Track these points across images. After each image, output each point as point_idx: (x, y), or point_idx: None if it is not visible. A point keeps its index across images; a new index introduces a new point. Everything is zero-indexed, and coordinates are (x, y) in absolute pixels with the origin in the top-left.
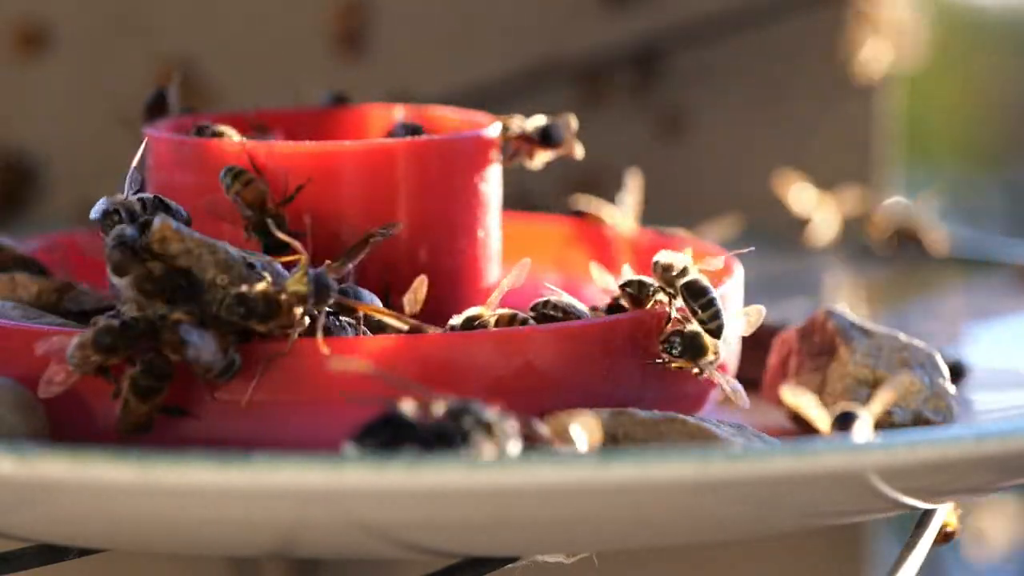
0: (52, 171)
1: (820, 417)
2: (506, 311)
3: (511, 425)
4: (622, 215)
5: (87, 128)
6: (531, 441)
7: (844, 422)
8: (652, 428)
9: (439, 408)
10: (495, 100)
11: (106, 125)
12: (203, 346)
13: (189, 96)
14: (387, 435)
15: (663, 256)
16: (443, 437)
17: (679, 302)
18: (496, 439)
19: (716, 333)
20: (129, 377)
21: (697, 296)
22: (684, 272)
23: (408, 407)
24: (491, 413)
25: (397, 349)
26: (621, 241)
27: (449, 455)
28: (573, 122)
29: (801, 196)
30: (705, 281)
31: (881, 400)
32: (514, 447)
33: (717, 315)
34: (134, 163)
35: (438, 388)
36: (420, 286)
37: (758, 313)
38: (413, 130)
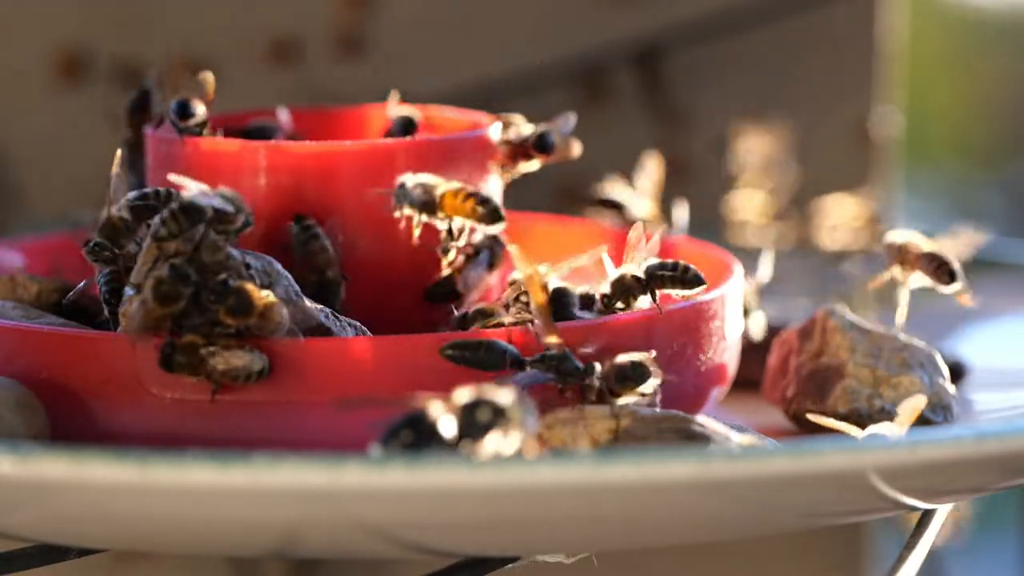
0: (34, 173)
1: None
2: (522, 316)
3: (529, 407)
4: (641, 199)
5: (70, 129)
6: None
7: None
8: (652, 427)
9: (455, 402)
10: (495, 100)
11: (91, 126)
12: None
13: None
14: (411, 436)
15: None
16: (465, 434)
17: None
18: (515, 425)
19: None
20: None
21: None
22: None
23: (429, 406)
24: (506, 397)
25: (397, 349)
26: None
27: (457, 454)
28: (572, 120)
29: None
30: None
31: (907, 415)
32: (532, 428)
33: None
34: (114, 169)
35: (437, 388)
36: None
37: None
38: (408, 122)
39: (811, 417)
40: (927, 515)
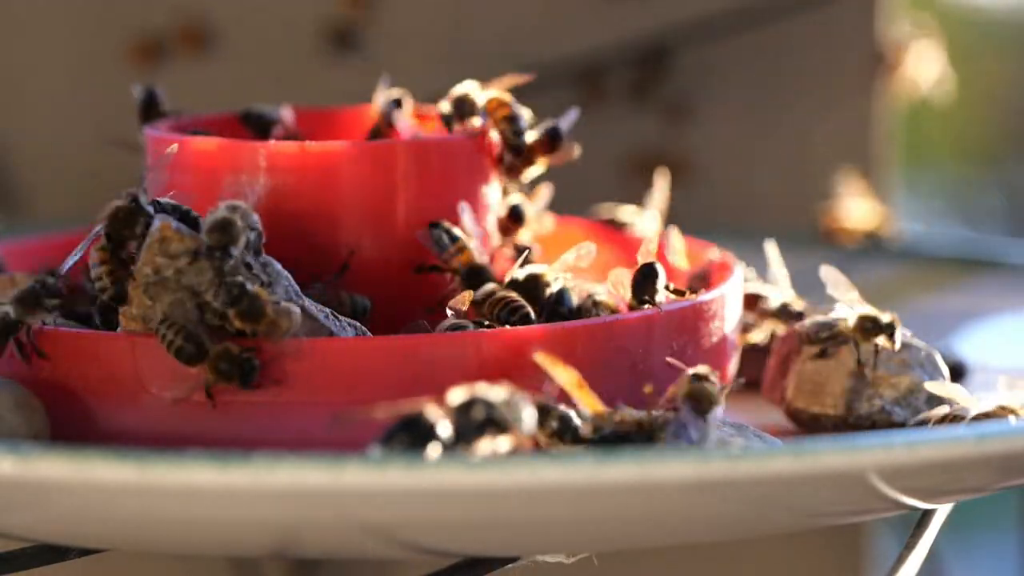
0: (42, 172)
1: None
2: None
3: (522, 401)
4: (648, 218)
5: (78, 129)
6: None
7: None
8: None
9: (450, 403)
10: None
11: (98, 126)
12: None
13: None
14: (407, 440)
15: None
16: (461, 434)
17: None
18: (510, 423)
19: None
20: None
21: None
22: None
23: (424, 409)
24: (499, 394)
25: (399, 349)
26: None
27: (457, 453)
28: (573, 115)
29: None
30: None
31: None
32: (529, 422)
33: None
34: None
35: (437, 388)
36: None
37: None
38: (396, 103)
39: None
40: (927, 515)
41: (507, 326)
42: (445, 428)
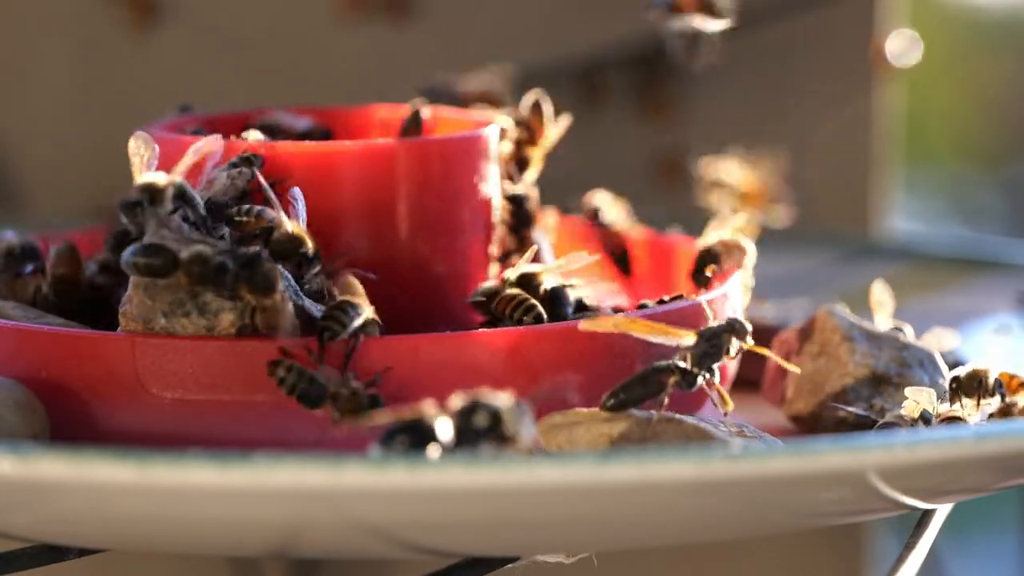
0: (43, 170)
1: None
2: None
3: (524, 412)
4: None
5: (83, 127)
6: None
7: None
8: (649, 428)
9: (452, 407)
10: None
11: (101, 127)
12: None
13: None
14: (408, 441)
15: None
16: (462, 438)
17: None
18: (511, 430)
19: None
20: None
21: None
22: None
23: (426, 411)
24: (502, 402)
25: (397, 349)
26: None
27: (457, 455)
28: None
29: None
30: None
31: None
32: (529, 434)
33: None
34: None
35: (437, 389)
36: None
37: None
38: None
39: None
40: (927, 515)
41: (519, 325)
42: (446, 432)
